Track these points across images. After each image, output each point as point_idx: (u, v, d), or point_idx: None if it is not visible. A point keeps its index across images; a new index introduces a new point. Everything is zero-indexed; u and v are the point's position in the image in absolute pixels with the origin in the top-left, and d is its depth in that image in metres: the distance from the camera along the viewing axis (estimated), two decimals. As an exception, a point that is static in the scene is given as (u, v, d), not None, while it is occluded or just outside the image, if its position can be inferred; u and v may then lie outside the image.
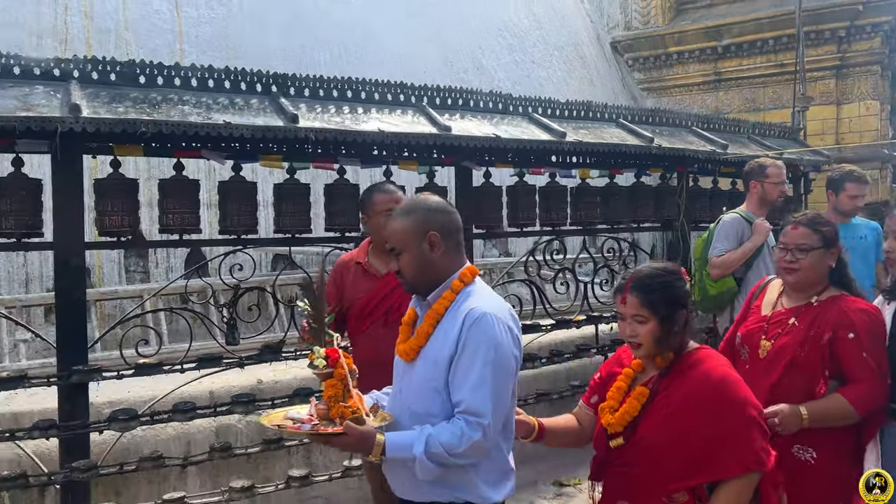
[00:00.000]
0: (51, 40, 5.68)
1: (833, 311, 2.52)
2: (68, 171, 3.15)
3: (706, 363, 2.12)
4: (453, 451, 1.91)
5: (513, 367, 2.03)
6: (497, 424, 1.98)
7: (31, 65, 3.23)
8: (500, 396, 1.97)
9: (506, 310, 2.08)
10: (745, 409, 2.04)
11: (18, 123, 2.87)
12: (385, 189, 3.21)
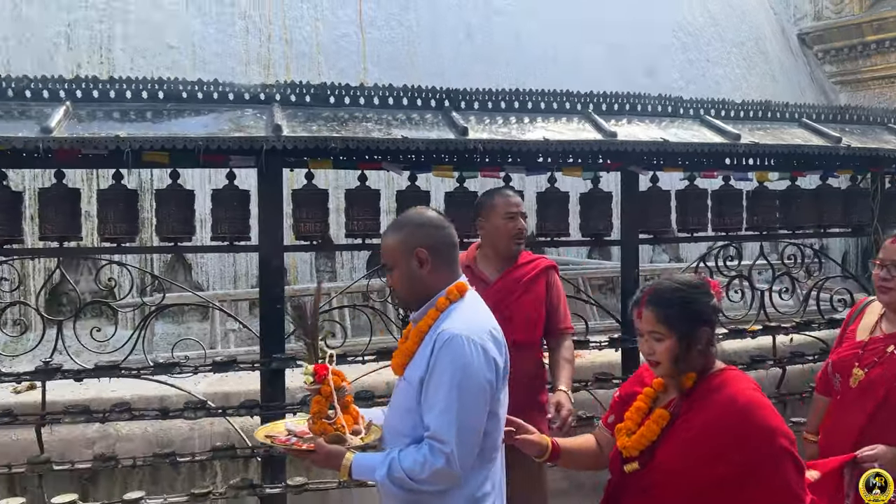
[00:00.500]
0: (256, 66, 6.45)
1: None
2: (271, 183, 3.60)
3: (732, 385, 1.95)
4: (415, 476, 1.87)
5: (485, 390, 1.93)
6: (464, 451, 1.88)
7: (242, 91, 3.72)
8: (466, 422, 1.89)
9: (484, 330, 1.99)
10: (775, 438, 1.84)
11: (232, 143, 3.35)
12: (504, 193, 3.23)
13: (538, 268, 3.21)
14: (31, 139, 3.18)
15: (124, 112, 3.53)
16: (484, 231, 3.21)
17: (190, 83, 3.64)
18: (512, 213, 3.12)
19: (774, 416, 1.89)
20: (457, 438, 1.86)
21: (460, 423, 1.88)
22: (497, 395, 2.00)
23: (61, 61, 5.97)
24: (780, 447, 1.84)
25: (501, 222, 3.11)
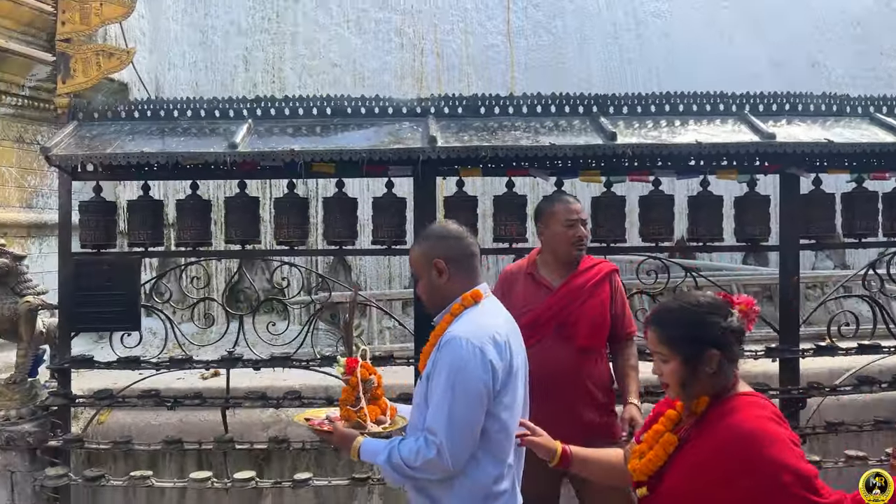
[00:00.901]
0: (410, 79, 6.80)
1: None
2: (426, 190, 3.83)
3: (741, 412, 1.81)
4: (410, 464, 2.01)
5: (478, 389, 2.00)
6: (455, 445, 1.98)
7: (400, 105, 3.99)
8: (457, 419, 1.98)
9: (486, 334, 2.06)
10: (775, 472, 1.69)
11: (392, 154, 3.61)
12: (564, 199, 3.17)
13: (601, 272, 3.15)
14: (220, 154, 3.61)
15: (297, 127, 3.90)
16: (544, 238, 3.18)
17: (354, 99, 3.96)
18: (572, 221, 3.08)
19: (782, 449, 1.74)
20: (447, 433, 1.99)
21: (452, 419, 1.99)
22: (499, 398, 2.06)
23: (240, 81, 6.64)
24: (783, 484, 1.70)
25: (561, 229, 3.08)
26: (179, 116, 4.01)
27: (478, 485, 2.07)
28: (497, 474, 2.09)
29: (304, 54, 6.78)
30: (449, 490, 2.07)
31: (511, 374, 2.11)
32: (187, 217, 3.96)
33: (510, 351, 2.12)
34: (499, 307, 2.29)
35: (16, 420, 3.99)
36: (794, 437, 1.83)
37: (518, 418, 2.17)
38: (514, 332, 2.23)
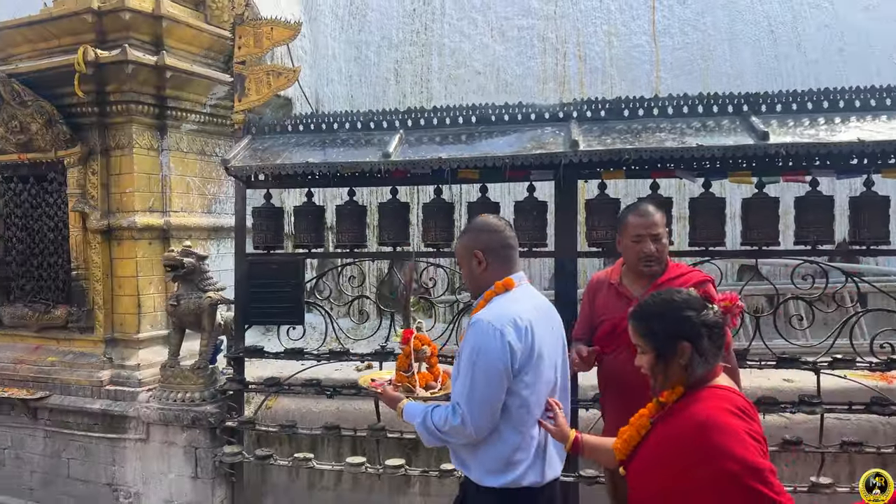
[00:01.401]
0: (552, 84, 6.86)
1: None
2: (567, 194, 3.90)
3: (703, 403, 1.89)
4: (440, 428, 2.29)
5: (497, 368, 2.21)
6: (476, 416, 2.23)
7: (542, 111, 4.08)
8: (477, 393, 2.22)
9: (508, 318, 2.24)
10: (722, 461, 1.75)
11: (534, 159, 3.71)
12: (639, 211, 3.02)
13: (689, 283, 2.89)
14: (375, 163, 3.89)
15: (444, 136, 4.10)
16: (620, 247, 3.10)
17: (497, 107, 4.10)
18: (640, 236, 2.94)
19: (732, 440, 1.77)
20: (468, 405, 2.24)
21: (472, 392, 2.23)
22: (519, 377, 2.26)
23: (391, 93, 7.02)
24: (726, 471, 1.75)
25: (630, 243, 2.98)
26: (338, 129, 4.35)
27: (498, 452, 2.29)
28: (517, 444, 2.29)
29: (450, 64, 7.04)
30: (474, 455, 2.33)
31: (532, 355, 2.28)
32: (345, 221, 4.30)
33: (532, 335, 2.27)
34: (530, 295, 2.44)
35: (199, 402, 4.52)
36: (753, 431, 1.85)
37: (542, 395, 2.34)
38: (542, 318, 2.38)
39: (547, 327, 2.40)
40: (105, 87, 5.02)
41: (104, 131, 5.19)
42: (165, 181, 5.37)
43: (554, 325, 2.48)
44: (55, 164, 5.24)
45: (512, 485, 2.29)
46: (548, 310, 2.49)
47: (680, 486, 1.85)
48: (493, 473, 2.30)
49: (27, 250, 5.51)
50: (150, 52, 5.20)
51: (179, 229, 5.40)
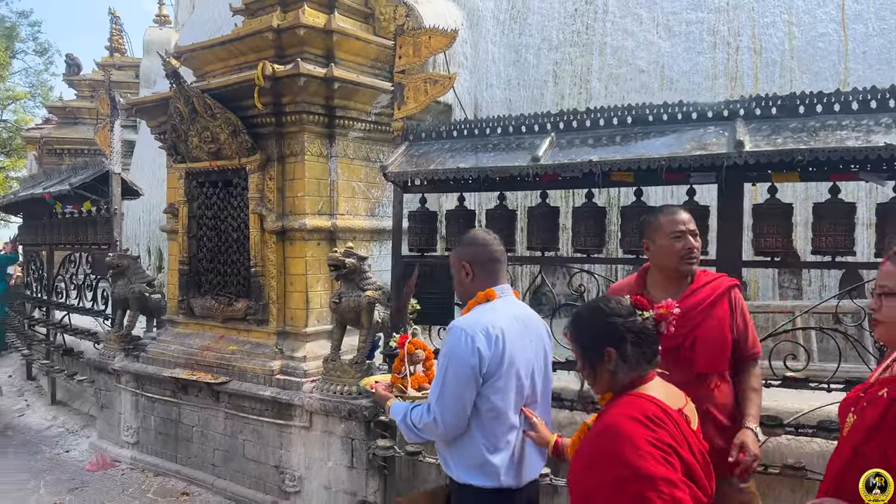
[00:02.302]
0: (723, 80, 6.43)
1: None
2: (730, 198, 3.62)
3: (615, 409, 1.97)
4: (416, 425, 2.51)
5: (466, 372, 2.38)
6: (446, 415, 2.42)
7: (704, 109, 3.82)
8: (447, 392, 2.41)
9: (480, 326, 2.41)
10: (618, 468, 1.82)
11: (693, 161, 3.49)
12: (670, 210, 2.90)
13: (720, 288, 2.79)
14: (523, 167, 3.87)
15: (597, 138, 3.98)
16: (650, 253, 2.92)
17: (655, 107, 3.90)
18: (679, 232, 2.81)
19: (626, 446, 1.84)
20: (439, 404, 2.44)
21: (443, 393, 2.43)
22: (489, 382, 2.41)
23: (549, 95, 6.95)
24: (617, 476, 1.82)
25: (668, 242, 2.82)
26: (490, 133, 4.38)
27: (473, 452, 2.46)
28: (489, 447, 2.45)
29: (611, 63, 6.83)
30: (454, 454, 2.52)
31: (503, 363, 2.41)
32: (494, 225, 4.31)
33: (503, 343, 2.41)
34: (509, 306, 2.58)
35: (356, 395, 4.75)
36: (655, 439, 1.87)
37: (514, 401, 2.46)
38: (519, 328, 2.51)
39: (524, 337, 2.53)
40: (281, 98, 5.44)
41: (280, 140, 5.63)
42: (333, 186, 5.71)
43: (533, 336, 2.58)
44: (239, 170, 5.76)
45: (488, 485, 2.46)
46: (528, 321, 2.60)
47: (586, 487, 1.96)
48: (470, 472, 2.48)
49: (215, 248, 6.11)
50: (322, 64, 5.56)
51: (344, 231, 5.72)
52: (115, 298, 6.83)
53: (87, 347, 7.52)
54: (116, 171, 7.02)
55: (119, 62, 16.01)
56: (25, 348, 9.46)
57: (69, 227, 7.91)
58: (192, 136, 5.85)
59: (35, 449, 6.66)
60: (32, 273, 9.68)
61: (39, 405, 8.32)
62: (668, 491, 1.81)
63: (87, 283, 7.90)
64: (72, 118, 16.06)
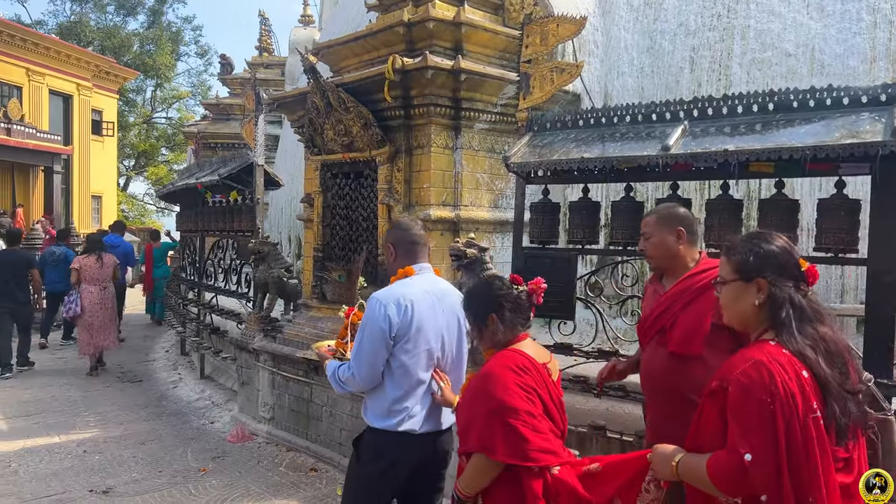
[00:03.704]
0: (883, 63, 5.80)
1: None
2: (887, 191, 3.28)
3: (492, 360, 2.55)
4: (341, 378, 3.00)
5: (378, 335, 2.85)
6: (361, 371, 2.91)
7: (858, 94, 3.48)
8: (363, 352, 2.90)
9: (393, 296, 2.89)
10: (490, 402, 2.40)
11: (842, 150, 3.19)
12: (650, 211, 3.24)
13: (710, 277, 2.69)
14: (652, 156, 3.71)
15: (735, 126, 3.74)
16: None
17: (801, 92, 3.61)
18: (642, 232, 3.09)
19: (497, 386, 2.42)
20: (356, 361, 2.93)
21: (359, 352, 2.92)
22: (399, 344, 2.89)
23: (685, 82, 6.61)
24: (491, 409, 2.40)
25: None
26: (618, 122, 4.23)
27: (383, 401, 2.96)
28: (396, 396, 2.94)
29: (754, 48, 6.37)
30: (370, 402, 3.03)
31: (411, 328, 2.88)
32: (620, 217, 4.17)
33: (412, 312, 2.88)
34: (424, 281, 3.04)
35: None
36: (522, 382, 2.44)
37: (423, 361, 2.95)
38: (430, 300, 2.97)
39: (435, 308, 2.98)
40: (409, 91, 5.56)
41: (408, 132, 5.75)
42: (457, 177, 5.76)
43: (445, 307, 3.03)
44: (369, 162, 5.95)
45: (390, 427, 2.94)
46: (442, 295, 3.06)
47: (467, 417, 2.51)
48: (379, 417, 2.97)
49: (346, 237, 6.36)
50: (450, 57, 5.62)
51: (467, 222, 5.76)
52: (256, 282, 7.29)
53: (231, 327, 8.09)
54: (259, 163, 7.48)
55: (267, 61, 17.01)
56: (180, 326, 10.33)
57: (218, 215, 8.53)
58: (327, 129, 6.12)
59: (185, 419, 7.27)
60: (187, 257, 10.54)
61: (190, 378, 9.06)
62: (529, 420, 2.40)
63: (233, 267, 8.49)
64: (224, 114, 17.29)
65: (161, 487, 5.28)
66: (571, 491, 2.36)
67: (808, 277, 2.11)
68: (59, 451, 6.12)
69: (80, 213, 26.87)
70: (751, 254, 2.13)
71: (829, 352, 2.01)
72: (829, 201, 3.54)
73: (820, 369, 1.96)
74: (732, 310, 2.18)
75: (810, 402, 1.91)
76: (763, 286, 2.09)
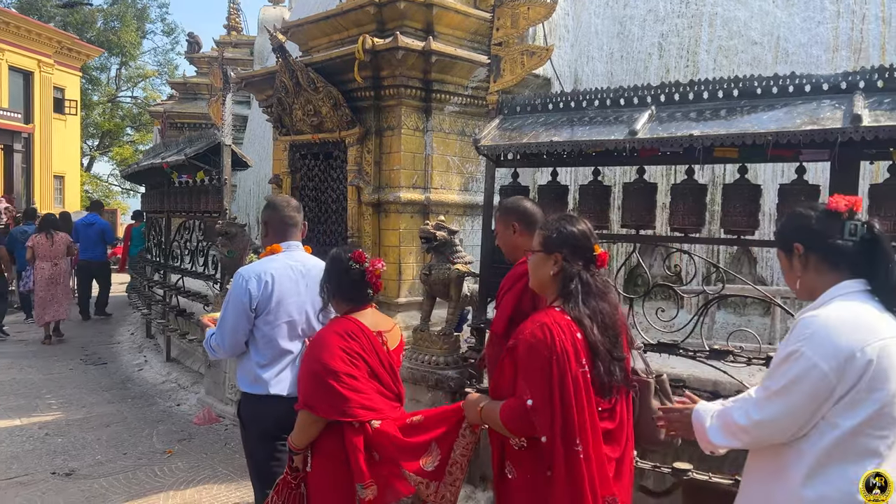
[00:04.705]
0: (845, 52, 5.92)
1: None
2: (844, 177, 3.37)
3: (326, 327, 2.88)
4: (210, 344, 3.26)
5: (239, 307, 3.11)
6: (224, 338, 3.16)
7: (819, 81, 3.56)
8: (227, 322, 3.14)
9: (255, 272, 3.13)
10: (314, 364, 2.70)
11: (802, 136, 3.26)
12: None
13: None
14: (619, 141, 3.74)
15: (700, 112, 3.78)
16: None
17: (764, 79, 3.67)
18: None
19: (322, 349, 2.70)
20: (221, 331, 3.18)
21: (223, 323, 3.17)
22: (261, 316, 3.12)
23: (653, 68, 6.67)
24: (312, 370, 2.70)
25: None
26: (587, 107, 4.26)
27: (248, 368, 3.19)
28: (261, 364, 3.15)
29: (721, 35, 6.45)
30: (238, 369, 3.26)
31: (271, 301, 3.11)
32: (589, 201, 4.22)
33: (272, 286, 3.11)
34: (290, 258, 3.25)
35: (443, 366, 4.81)
36: (348, 347, 2.70)
37: (284, 331, 3.16)
38: (292, 275, 3.19)
39: (299, 283, 3.19)
40: (380, 72, 5.53)
41: (378, 113, 5.73)
42: (428, 160, 5.76)
43: (310, 281, 3.18)
44: (339, 143, 5.92)
45: (260, 391, 3.14)
46: (307, 271, 3.23)
47: (300, 375, 2.82)
48: (247, 383, 3.19)
49: (315, 218, 6.33)
50: (421, 38, 5.59)
51: (438, 205, 5.77)
52: (223, 264, 7.21)
53: (198, 309, 7.99)
54: (227, 143, 7.37)
55: (235, 40, 16.73)
56: (145, 308, 10.17)
57: (184, 196, 8.40)
58: (295, 109, 6.06)
59: (150, 401, 7.19)
60: (153, 238, 10.38)
61: (156, 361, 8.96)
62: (349, 382, 2.63)
63: (200, 248, 8.39)
64: (192, 94, 16.98)
65: (126, 469, 5.23)
66: (392, 440, 2.65)
67: (598, 261, 2.46)
68: (20, 433, 6.02)
69: (41, 194, 26.22)
70: (555, 231, 2.47)
71: (605, 323, 2.36)
72: (790, 187, 3.62)
73: (592, 335, 2.31)
74: (535, 276, 2.54)
75: (581, 359, 2.26)
76: (558, 260, 2.42)
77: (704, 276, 5.73)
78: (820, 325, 1.90)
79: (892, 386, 1.83)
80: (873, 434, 1.84)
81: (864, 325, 1.88)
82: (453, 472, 2.66)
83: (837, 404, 1.85)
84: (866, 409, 1.83)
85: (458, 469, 2.66)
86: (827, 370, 1.84)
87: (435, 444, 2.67)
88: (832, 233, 2.02)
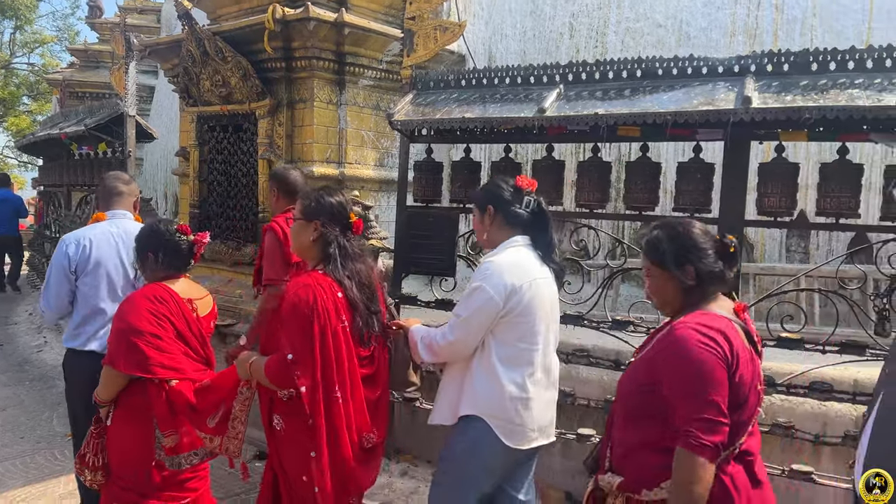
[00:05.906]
0: (742, 37, 6.24)
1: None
2: (736, 156, 3.57)
3: (137, 292, 3.01)
4: (42, 307, 3.53)
5: (60, 270, 3.42)
6: (49, 299, 3.45)
7: (715, 64, 3.73)
8: (51, 285, 3.45)
9: (76, 237, 3.47)
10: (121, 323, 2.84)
11: (699, 116, 3.43)
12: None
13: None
14: (529, 118, 3.82)
15: (606, 91, 3.90)
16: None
17: (665, 60, 3.82)
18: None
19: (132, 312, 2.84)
20: (45, 293, 3.48)
21: (48, 285, 3.46)
22: (81, 278, 3.43)
23: (564, 48, 6.81)
24: (120, 329, 2.83)
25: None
26: (499, 84, 4.31)
27: (72, 325, 3.49)
28: (78, 321, 3.45)
29: (629, 17, 6.65)
30: (67, 327, 3.53)
31: (89, 264, 3.42)
32: (499, 177, 4.28)
33: (90, 250, 3.42)
34: (112, 225, 3.54)
35: (357, 341, 4.81)
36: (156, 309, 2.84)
37: (104, 291, 3.45)
38: (111, 241, 3.48)
39: (119, 248, 3.48)
40: (291, 43, 5.40)
41: (290, 85, 5.60)
42: (342, 134, 5.70)
43: (129, 247, 3.29)
44: (249, 115, 5.76)
45: (78, 347, 3.43)
46: (126, 237, 3.45)
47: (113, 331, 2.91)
48: (68, 339, 3.49)
49: (225, 192, 6.16)
50: (334, 9, 5.49)
51: (353, 180, 5.72)
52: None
53: (101, 287, 7.66)
54: (131, 114, 7.05)
55: (141, 6, 15.87)
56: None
57: (85, 168, 8.00)
58: (203, 80, 5.85)
59: (50, 383, 6.86)
60: (51, 214, 9.84)
61: (56, 343, 8.52)
62: (153, 341, 2.78)
63: (103, 224, 8.02)
64: (93, 62, 16.05)
65: (24, 454, 5.00)
66: (185, 400, 2.81)
67: (353, 227, 2.81)
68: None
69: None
70: (314, 201, 2.77)
71: (362, 283, 2.74)
72: (687, 165, 3.80)
73: (351, 293, 2.66)
74: (296, 241, 2.82)
75: (342, 315, 2.61)
76: (317, 227, 2.72)
77: (609, 251, 5.95)
78: (495, 268, 2.64)
79: (536, 310, 2.66)
80: (526, 346, 2.66)
81: (524, 267, 2.67)
82: (235, 427, 2.83)
83: (500, 321, 2.62)
84: (520, 327, 2.64)
85: (239, 423, 2.83)
86: (498, 300, 2.60)
87: (223, 403, 2.86)
88: (515, 202, 2.79)
